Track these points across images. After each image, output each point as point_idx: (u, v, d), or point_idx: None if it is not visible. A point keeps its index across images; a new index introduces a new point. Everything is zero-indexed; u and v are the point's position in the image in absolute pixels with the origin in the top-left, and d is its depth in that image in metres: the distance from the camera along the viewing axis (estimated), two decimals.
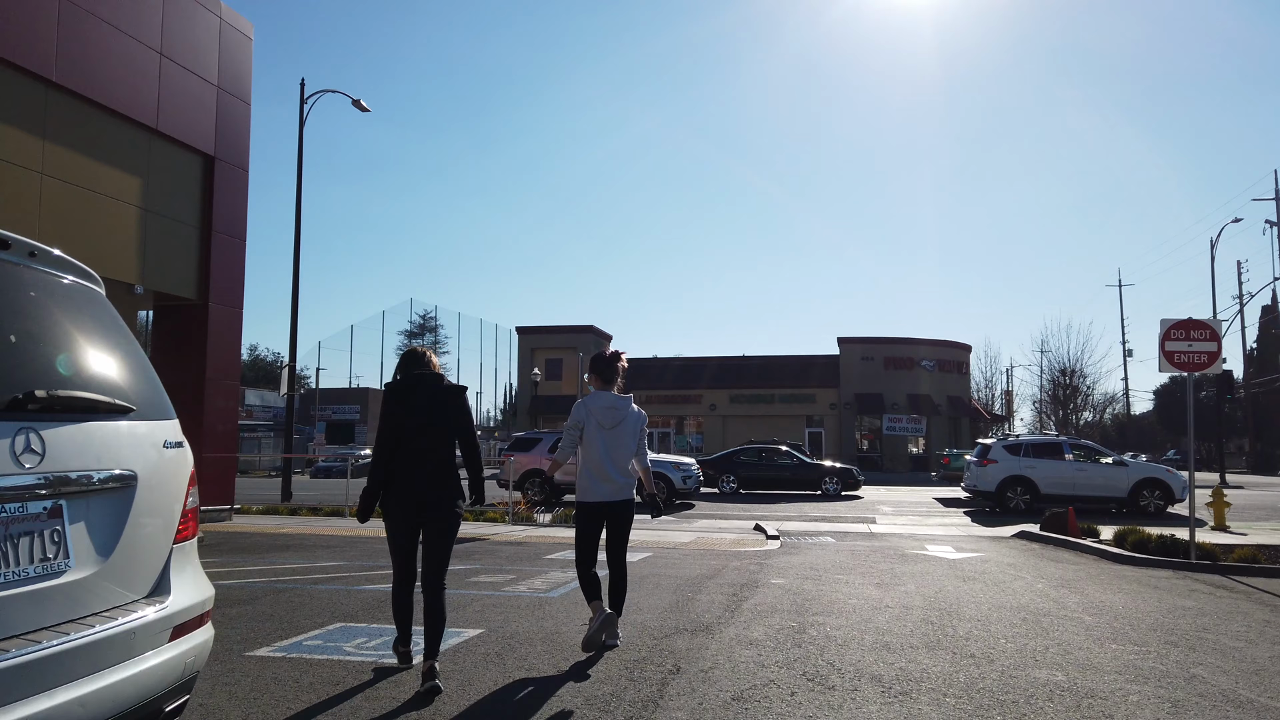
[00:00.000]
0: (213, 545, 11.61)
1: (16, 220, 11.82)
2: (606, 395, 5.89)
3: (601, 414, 5.79)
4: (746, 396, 52.66)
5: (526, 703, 4.65)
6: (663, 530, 15.02)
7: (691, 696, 4.74)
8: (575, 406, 5.92)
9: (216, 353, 15.38)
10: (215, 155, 15.50)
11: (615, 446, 5.78)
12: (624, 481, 5.80)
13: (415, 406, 5.01)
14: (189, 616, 3.03)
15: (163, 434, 3.12)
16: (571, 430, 5.90)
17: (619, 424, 5.80)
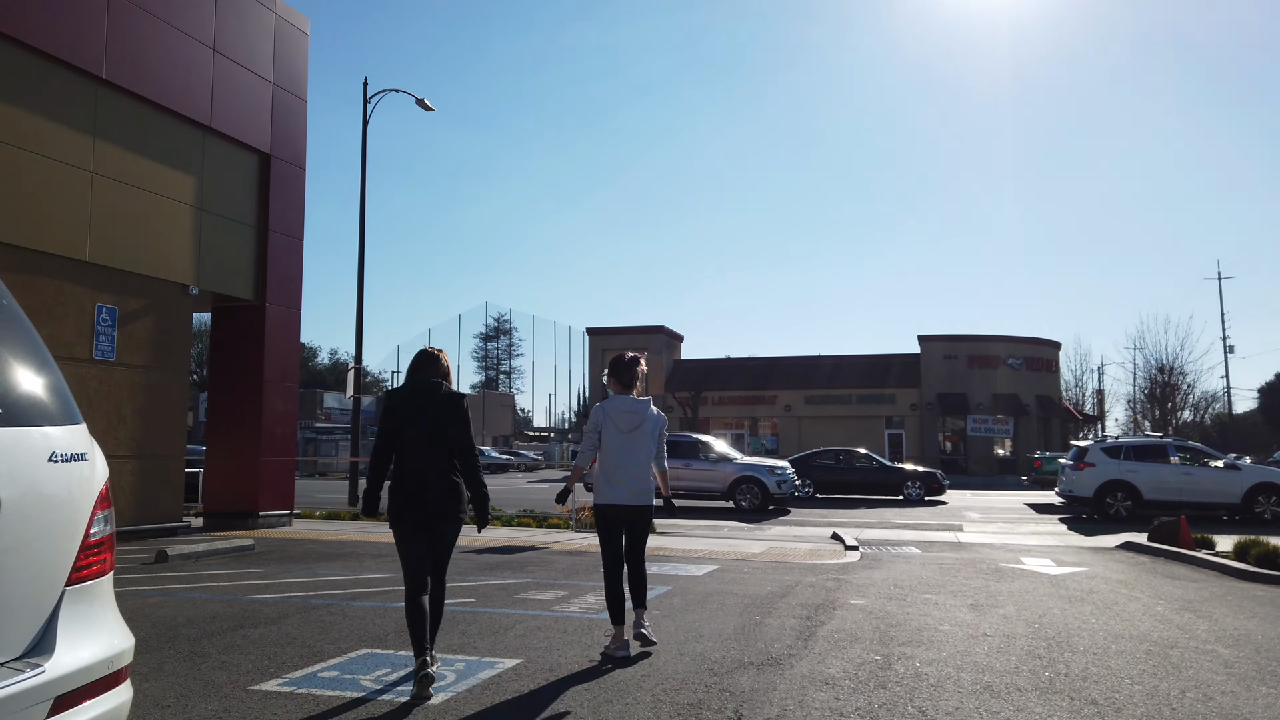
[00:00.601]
0: (264, 553, 11.18)
1: (66, 220, 11.60)
2: (625, 399, 5.93)
3: (620, 417, 5.83)
4: (822, 397, 51.21)
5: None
6: (733, 539, 14.15)
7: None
8: (594, 410, 5.96)
9: (274, 355, 15.08)
10: (271, 153, 15.21)
11: (634, 450, 5.82)
12: (642, 485, 5.83)
13: (413, 414, 5.09)
14: (84, 680, 2.34)
15: (48, 443, 2.45)
16: (590, 434, 5.95)
17: (637, 427, 5.84)
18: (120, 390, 12.37)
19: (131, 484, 12.51)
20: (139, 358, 12.69)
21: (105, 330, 12.15)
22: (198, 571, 9.45)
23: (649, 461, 5.89)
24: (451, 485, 5.11)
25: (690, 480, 21.91)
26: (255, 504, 14.56)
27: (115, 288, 12.34)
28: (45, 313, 11.30)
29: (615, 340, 55.52)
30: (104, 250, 12.12)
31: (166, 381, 13.18)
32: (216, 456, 14.98)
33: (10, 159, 10.88)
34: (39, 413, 2.50)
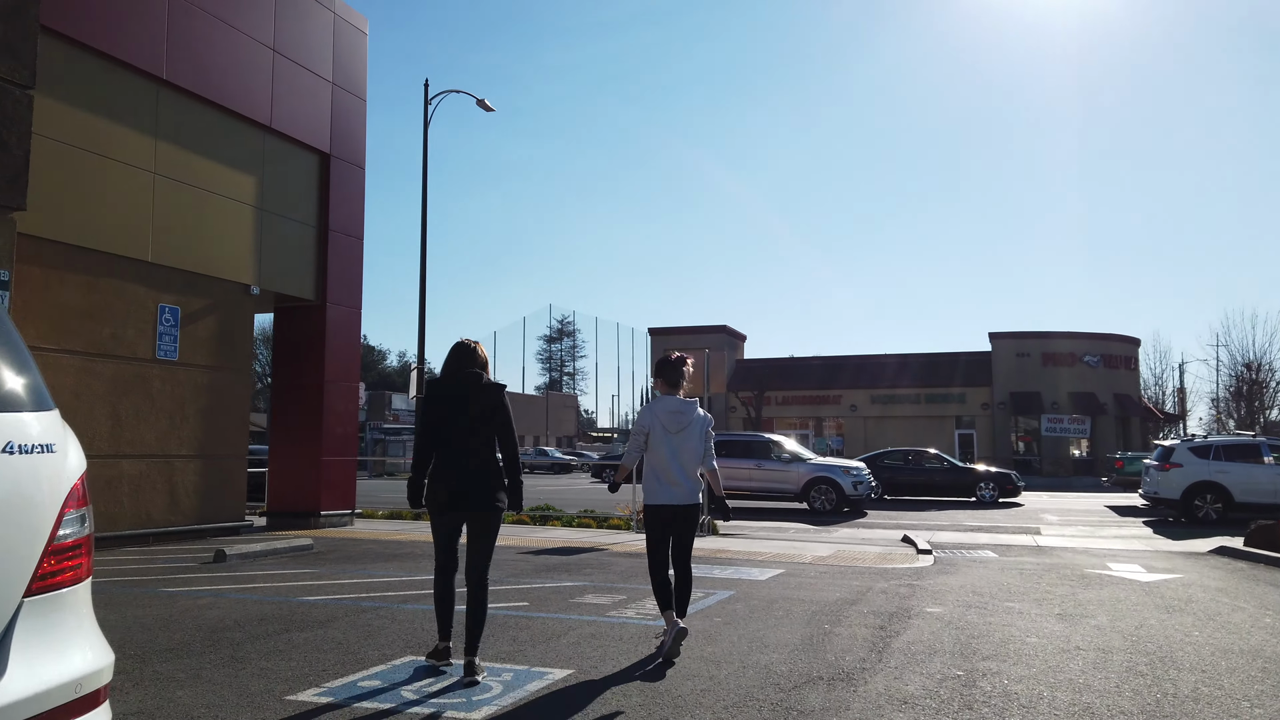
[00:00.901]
0: (321, 553, 11.07)
1: (128, 220, 11.66)
2: (672, 400, 5.99)
3: (667, 418, 5.89)
4: (889, 397, 50.08)
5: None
6: (798, 542, 13.66)
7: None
8: (641, 411, 6.03)
9: (335, 354, 15.05)
10: (331, 153, 15.19)
11: (681, 450, 5.87)
12: (690, 486, 5.89)
13: (454, 405, 5.13)
14: (42, 706, 2.05)
15: (6, 431, 2.17)
16: (637, 435, 6.02)
17: (684, 428, 5.89)
18: (183, 390, 12.41)
19: (194, 483, 12.55)
20: (201, 357, 12.74)
21: (168, 330, 12.20)
22: (253, 571, 9.35)
23: (696, 462, 5.95)
24: (493, 473, 5.15)
25: (762, 481, 21.42)
26: (317, 504, 14.55)
27: (177, 288, 12.39)
28: (107, 313, 11.38)
29: (677, 340, 55.11)
30: (166, 251, 12.18)
31: (229, 381, 13.21)
32: (279, 456, 15.02)
33: (72, 160, 10.96)
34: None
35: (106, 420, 11.31)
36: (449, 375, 5.24)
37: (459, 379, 5.20)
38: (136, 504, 11.69)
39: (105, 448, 11.28)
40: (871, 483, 21.51)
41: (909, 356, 51.90)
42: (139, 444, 11.73)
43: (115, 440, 11.41)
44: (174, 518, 12.21)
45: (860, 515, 20.25)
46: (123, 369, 11.54)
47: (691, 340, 54.68)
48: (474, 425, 5.11)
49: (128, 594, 7.79)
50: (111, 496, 11.36)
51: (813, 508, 20.84)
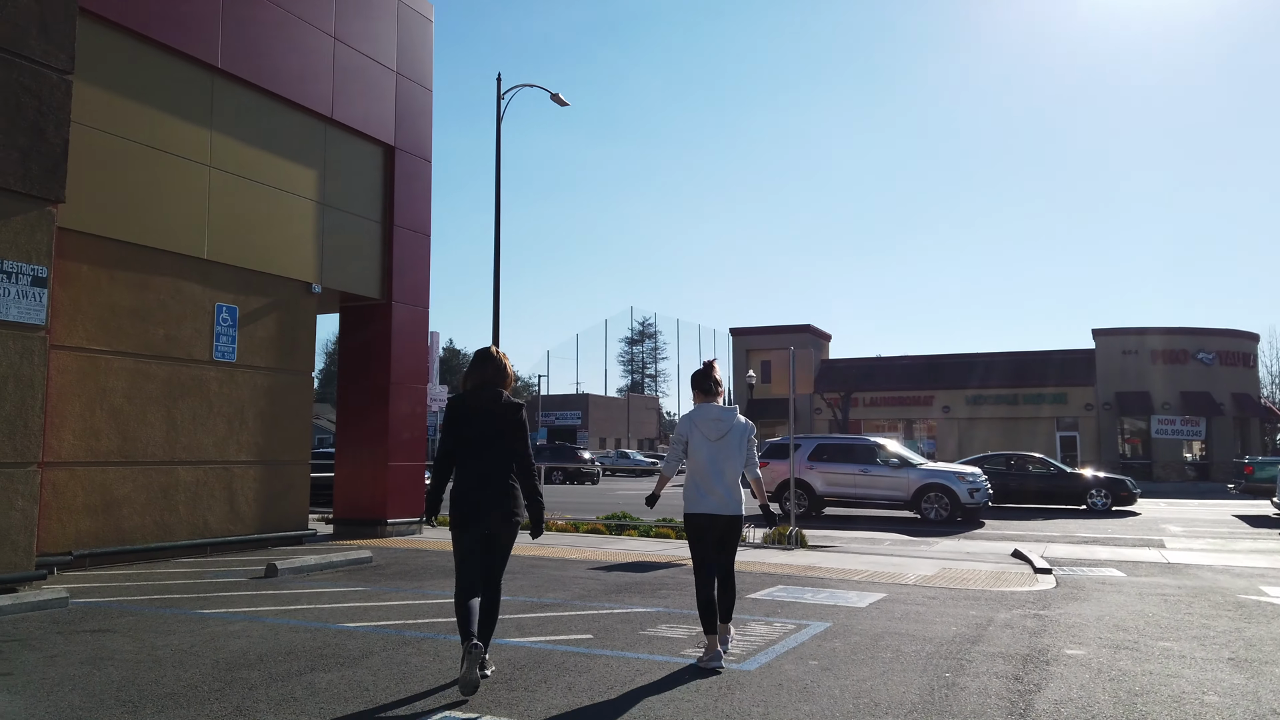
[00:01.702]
0: (379, 567, 10.35)
1: (183, 215, 11.15)
2: (711, 407, 5.96)
3: (707, 426, 5.85)
4: (985, 397, 47.78)
5: None
6: (897, 557, 12.41)
7: None
8: (680, 420, 6.01)
9: (401, 355, 14.41)
10: (395, 145, 14.56)
11: (722, 458, 5.81)
12: (731, 495, 5.81)
13: (474, 423, 5.26)
14: None
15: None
16: (677, 443, 5.99)
17: (724, 435, 5.84)
18: (242, 393, 11.88)
19: (254, 491, 11.99)
20: (261, 359, 12.19)
21: (225, 330, 11.67)
22: (301, 589, 8.63)
23: (738, 470, 5.88)
24: (507, 490, 5.23)
25: (867, 488, 20.13)
26: (383, 511, 13.91)
27: (235, 286, 11.87)
28: (162, 312, 10.88)
29: (759, 340, 53.76)
30: (223, 247, 11.65)
31: (290, 384, 12.65)
32: (346, 462, 14.44)
33: (123, 153, 10.48)
34: None
35: (161, 425, 10.81)
36: (470, 393, 5.37)
37: (479, 397, 5.32)
38: (193, 513, 11.17)
39: (160, 454, 10.78)
40: (988, 489, 19.96)
41: (1004, 355, 49.48)
42: (196, 450, 11.22)
43: (170, 446, 10.90)
44: (233, 527, 11.67)
45: (975, 525, 18.78)
46: (178, 371, 11.03)
47: (775, 340, 53.27)
48: (492, 444, 5.25)
49: (159, 616, 7.11)
50: (167, 505, 10.85)
51: (925, 517, 19.43)
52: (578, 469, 40.24)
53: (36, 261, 8.19)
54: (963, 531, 17.60)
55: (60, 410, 9.75)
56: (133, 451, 10.46)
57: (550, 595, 8.39)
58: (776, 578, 9.88)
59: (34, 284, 8.16)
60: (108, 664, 5.48)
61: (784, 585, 9.28)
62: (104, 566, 10.01)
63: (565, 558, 11.46)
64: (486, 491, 5.18)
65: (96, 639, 6.22)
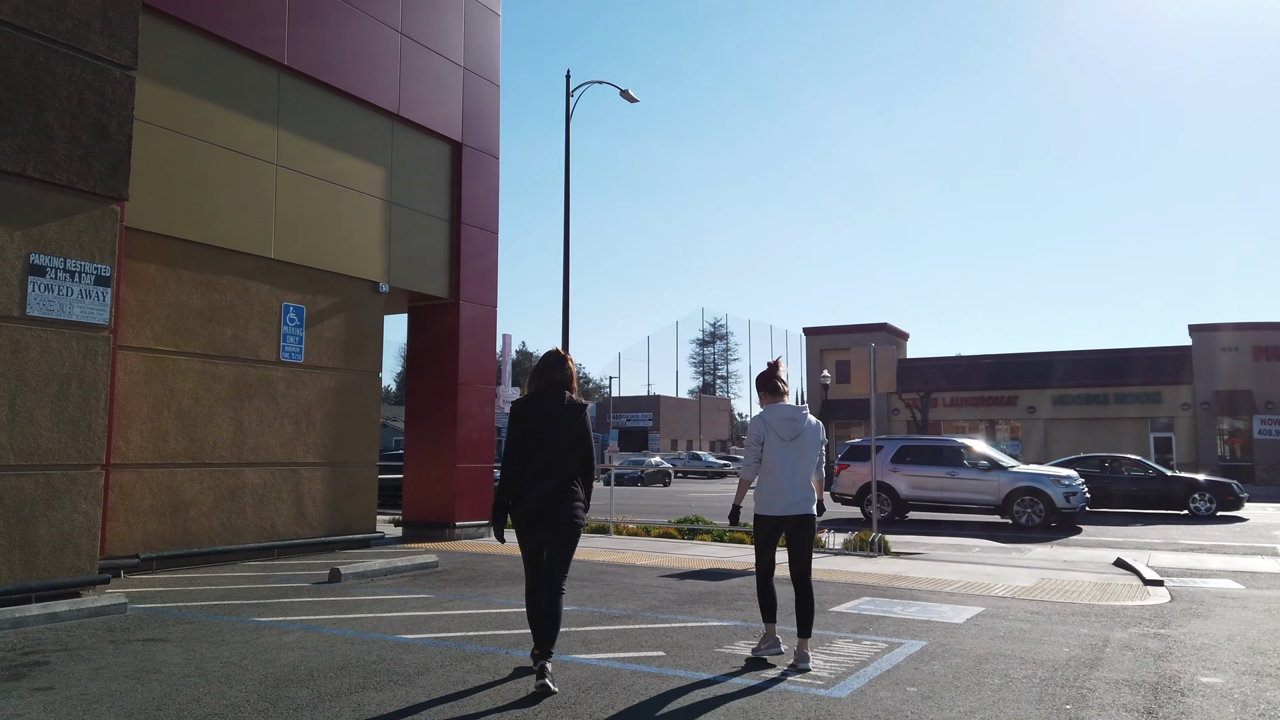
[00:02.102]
0: (445, 572, 10.03)
1: (250, 214, 11.03)
2: (783, 407, 5.89)
3: (781, 426, 5.80)
4: (1072, 397, 45.89)
5: None
6: (989, 565, 11.62)
7: None
8: (753, 421, 5.92)
9: (469, 354, 14.14)
10: (463, 141, 14.31)
11: (797, 459, 5.77)
12: (805, 495, 5.76)
13: (538, 425, 5.28)
14: None
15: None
16: (753, 446, 5.88)
17: (799, 435, 5.79)
18: (309, 394, 11.72)
19: (321, 493, 11.83)
20: (328, 359, 12.03)
21: (292, 331, 11.53)
22: (363, 596, 8.34)
23: (811, 470, 5.83)
24: (569, 492, 5.26)
25: (955, 491, 19.25)
26: (452, 514, 13.65)
27: (302, 286, 11.72)
28: (229, 312, 10.76)
29: (834, 340, 52.65)
30: (290, 247, 11.51)
31: (358, 384, 12.47)
32: (414, 464, 14.24)
33: (190, 152, 10.39)
34: None
35: (228, 426, 10.69)
36: (535, 394, 5.41)
37: (544, 398, 5.37)
38: (260, 515, 11.03)
39: (227, 455, 10.66)
40: (1085, 494, 18.89)
41: (1093, 353, 47.47)
42: (263, 451, 11.08)
43: (238, 447, 10.78)
44: (300, 529, 11.52)
45: (1071, 531, 17.78)
46: (245, 372, 10.91)
47: (850, 340, 52.13)
48: (555, 445, 5.28)
49: (215, 624, 6.87)
50: (235, 507, 10.72)
51: (1016, 522, 18.48)
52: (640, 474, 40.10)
53: (100, 260, 8.07)
54: (1058, 538, 16.64)
55: (127, 411, 9.68)
56: (200, 453, 10.35)
57: (619, 605, 7.93)
58: (861, 588, 9.26)
59: (97, 283, 8.03)
60: (152, 678, 5.20)
61: (870, 597, 8.66)
62: (171, 569, 9.90)
63: (635, 564, 11.00)
64: (548, 493, 5.23)
65: (147, 649, 5.97)
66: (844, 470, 21.03)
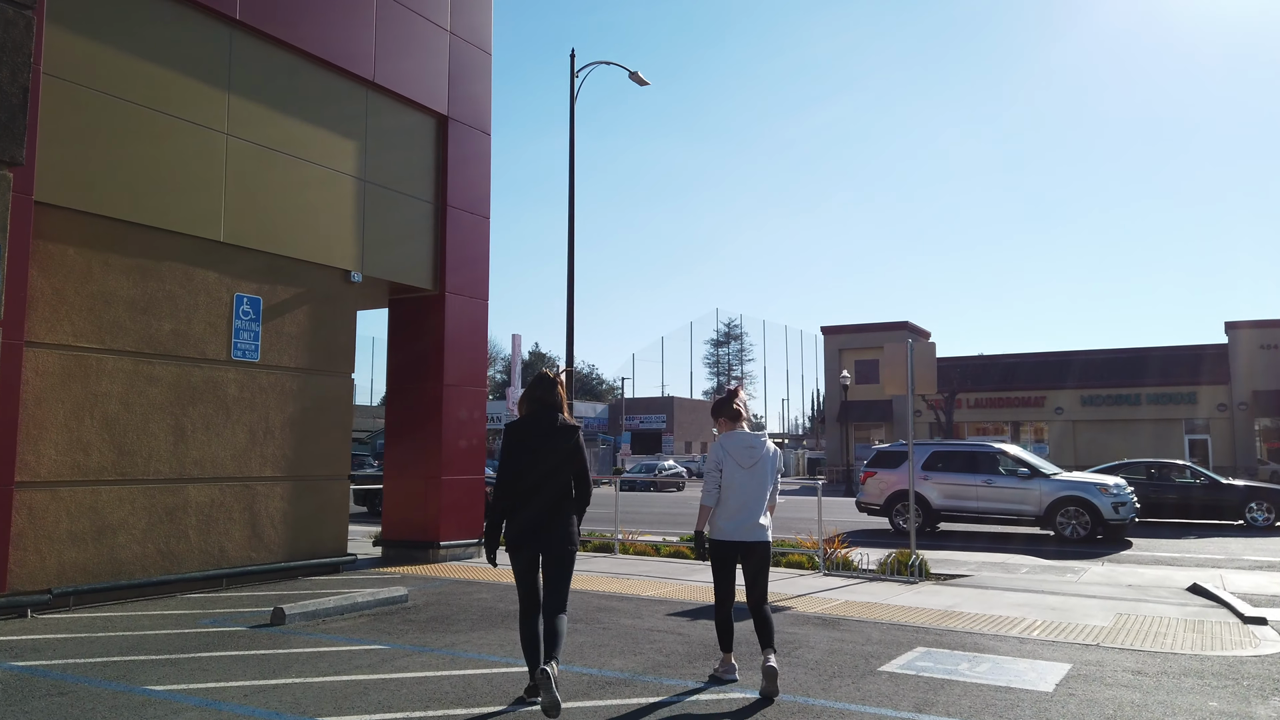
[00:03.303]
0: (414, 609, 8.50)
1: (194, 191, 9.54)
2: (742, 434, 5.91)
3: (740, 453, 5.80)
4: (1103, 397, 44.05)
5: None
6: (1046, 592, 9.96)
7: None
8: (712, 448, 5.91)
9: (457, 353, 12.61)
10: (449, 115, 12.79)
11: (755, 485, 5.77)
12: (762, 522, 5.76)
13: (531, 447, 5.30)
14: None
15: None
16: (713, 473, 5.82)
17: (757, 462, 5.80)
18: (267, 397, 10.23)
19: (281, 512, 10.33)
20: (290, 358, 10.54)
21: (247, 325, 10.04)
22: (301, 648, 6.82)
23: (767, 496, 5.84)
24: (562, 514, 5.32)
25: (992, 501, 17.61)
26: (436, 532, 12.13)
27: (259, 274, 10.23)
28: (169, 303, 9.28)
29: (854, 339, 50.96)
30: (243, 229, 10.03)
31: (326, 386, 10.97)
32: (394, 476, 12.73)
33: (121, 116, 8.91)
34: None
35: (167, 435, 9.20)
36: (528, 416, 5.41)
37: (537, 421, 5.37)
38: (206, 539, 9.53)
39: (165, 469, 9.17)
40: (1135, 503, 17.24)
41: (1124, 351, 45.61)
42: (210, 465, 9.59)
43: (179, 460, 9.28)
44: (255, 554, 10.02)
45: (1121, 545, 16.16)
46: (188, 372, 9.41)
47: (871, 338, 50.45)
48: (549, 466, 5.27)
49: (94, 695, 5.35)
50: (174, 530, 9.23)
51: (1060, 535, 16.83)
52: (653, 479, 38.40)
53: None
54: (1107, 553, 15.05)
55: (39, 420, 8.19)
56: (131, 468, 8.86)
57: (616, 664, 6.37)
58: (911, 632, 7.66)
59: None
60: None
61: (925, 647, 7.06)
62: (93, 605, 8.41)
63: (641, 595, 9.45)
64: (541, 515, 5.27)
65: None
66: (870, 478, 19.45)
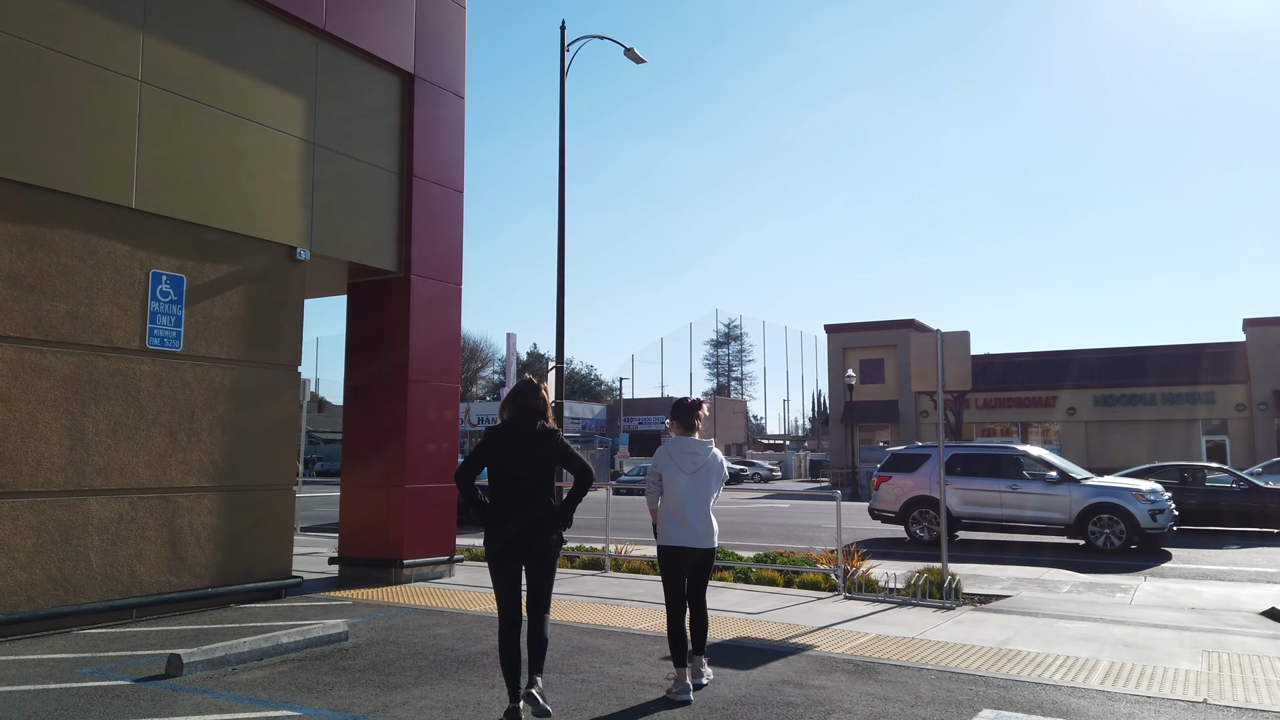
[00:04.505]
0: (355, 650, 6.95)
1: (98, 147, 7.99)
2: (688, 440, 6.00)
3: (683, 459, 5.91)
4: (1117, 397, 42.48)
5: None
6: (1107, 619, 8.39)
7: None
8: (657, 452, 6.03)
9: (424, 343, 11.07)
10: (415, 73, 11.25)
11: (697, 491, 5.86)
12: (706, 526, 5.86)
13: (510, 454, 5.26)
14: None
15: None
16: (653, 476, 5.97)
17: (700, 469, 5.90)
18: (192, 394, 8.67)
19: (210, 528, 8.76)
20: (222, 347, 8.98)
21: (166, 308, 8.48)
22: (186, 715, 5.26)
23: (710, 502, 5.92)
24: (548, 518, 5.24)
25: (1016, 508, 16.11)
26: (399, 548, 10.58)
27: (181, 249, 8.67)
28: (65, 281, 7.72)
29: (859, 337, 49.38)
30: (162, 195, 8.48)
31: (267, 382, 9.42)
32: (352, 484, 11.18)
33: (8, 54, 7.36)
34: None
35: (61, 439, 7.63)
36: (508, 421, 5.38)
37: (516, 427, 5.33)
38: (112, 562, 7.97)
39: (60, 479, 7.60)
40: (1173, 510, 15.75)
41: (1139, 350, 44.04)
42: (118, 473, 8.03)
43: (77, 468, 7.72)
44: (176, 579, 8.45)
45: (1160, 557, 14.70)
46: (90, 363, 7.85)
47: (874, 337, 48.92)
48: (530, 472, 5.22)
49: None
50: (70, 552, 7.66)
51: (1091, 545, 15.36)
52: None
53: None
54: (1147, 566, 13.66)
55: None
56: (14, 478, 7.30)
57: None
58: (968, 684, 6.11)
59: None
60: None
61: (995, 710, 5.51)
62: None
63: (633, 629, 7.89)
64: (526, 524, 5.20)
65: None
66: (884, 483, 17.93)
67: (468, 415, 61.44)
